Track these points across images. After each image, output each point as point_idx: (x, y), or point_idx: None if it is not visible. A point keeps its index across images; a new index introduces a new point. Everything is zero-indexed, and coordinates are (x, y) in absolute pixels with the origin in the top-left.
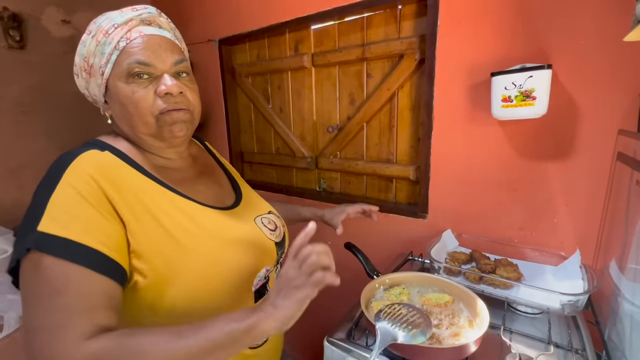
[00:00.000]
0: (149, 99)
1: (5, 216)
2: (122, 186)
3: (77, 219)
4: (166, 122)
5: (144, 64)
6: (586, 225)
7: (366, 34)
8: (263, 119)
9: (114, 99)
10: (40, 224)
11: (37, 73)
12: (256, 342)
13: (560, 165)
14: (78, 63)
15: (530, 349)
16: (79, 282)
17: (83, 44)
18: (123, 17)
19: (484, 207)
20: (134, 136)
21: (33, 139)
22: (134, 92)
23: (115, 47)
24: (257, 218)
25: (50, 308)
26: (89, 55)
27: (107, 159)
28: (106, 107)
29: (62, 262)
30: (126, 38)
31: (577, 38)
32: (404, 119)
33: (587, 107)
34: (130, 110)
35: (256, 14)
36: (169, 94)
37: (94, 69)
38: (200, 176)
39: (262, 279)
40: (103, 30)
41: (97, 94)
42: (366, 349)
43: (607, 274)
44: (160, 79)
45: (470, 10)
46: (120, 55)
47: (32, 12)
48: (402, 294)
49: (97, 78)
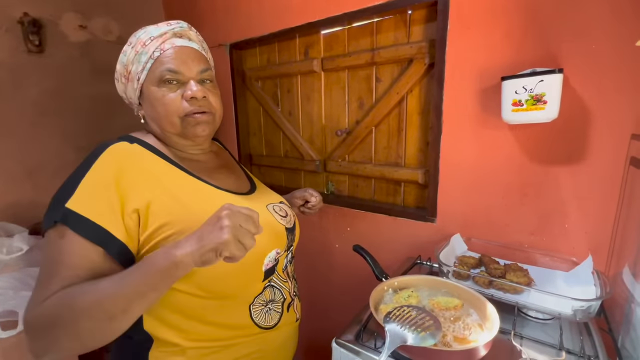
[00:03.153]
0: (176, 102)
1: (22, 215)
2: (145, 172)
3: (95, 201)
4: (190, 122)
5: (174, 71)
6: (598, 230)
7: (376, 38)
8: (272, 122)
9: (146, 101)
10: (70, 202)
11: (55, 76)
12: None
13: (572, 169)
14: (119, 70)
15: (542, 354)
16: (77, 252)
17: (124, 53)
18: (158, 30)
19: (493, 211)
20: (162, 134)
21: (49, 140)
22: (164, 95)
23: (150, 56)
24: (269, 205)
25: (47, 271)
26: (128, 63)
27: (134, 149)
28: (139, 109)
29: (75, 235)
30: (160, 49)
31: (589, 42)
32: (413, 123)
33: (599, 112)
34: (159, 111)
35: (267, 19)
36: (194, 97)
37: (132, 75)
38: (219, 168)
39: (273, 260)
40: (141, 42)
41: (133, 97)
42: (375, 351)
43: (620, 280)
44: (187, 84)
45: (480, 15)
46: (154, 64)
47: (51, 18)
48: (411, 297)
49: (133, 83)
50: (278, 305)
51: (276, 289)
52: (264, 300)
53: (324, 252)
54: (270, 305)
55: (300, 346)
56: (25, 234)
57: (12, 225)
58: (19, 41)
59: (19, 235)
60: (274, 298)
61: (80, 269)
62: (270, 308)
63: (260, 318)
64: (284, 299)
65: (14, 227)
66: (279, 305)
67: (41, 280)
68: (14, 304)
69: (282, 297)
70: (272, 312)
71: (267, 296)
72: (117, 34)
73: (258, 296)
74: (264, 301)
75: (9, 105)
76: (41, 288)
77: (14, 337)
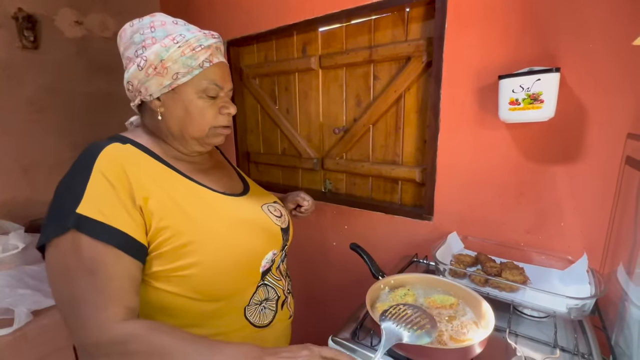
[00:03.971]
0: (213, 113)
1: (17, 213)
2: (141, 173)
3: (109, 204)
4: (215, 133)
5: (219, 87)
6: (594, 229)
7: (373, 36)
8: (270, 119)
9: (179, 102)
10: (80, 207)
11: (50, 73)
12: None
13: (568, 168)
14: (151, 60)
15: (536, 352)
16: (110, 262)
17: (166, 48)
18: (207, 41)
19: (490, 209)
20: (179, 135)
21: (45, 137)
22: (204, 106)
23: (200, 65)
24: (263, 205)
25: (87, 286)
26: (168, 59)
27: (128, 151)
28: (156, 104)
29: (97, 242)
30: (209, 60)
31: (586, 41)
32: (411, 121)
33: (596, 111)
34: (194, 118)
35: (264, 16)
36: (229, 114)
37: (168, 71)
38: (212, 169)
39: (269, 262)
40: (191, 46)
41: (151, 90)
42: (371, 349)
43: (615, 278)
44: (223, 99)
45: (478, 13)
46: (202, 73)
47: (46, 13)
48: (407, 295)
49: (165, 79)
50: (272, 303)
51: (270, 287)
52: (259, 300)
53: (320, 250)
54: (264, 304)
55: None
56: (21, 232)
57: (7, 222)
58: (13, 37)
59: (15, 232)
60: (268, 297)
61: (119, 279)
62: (264, 307)
63: (255, 317)
64: (278, 297)
65: (10, 224)
66: (273, 303)
67: (86, 296)
68: (10, 301)
69: (277, 295)
70: (266, 310)
71: (261, 295)
72: (114, 30)
73: (253, 296)
74: (258, 300)
75: (3, 101)
76: (94, 307)
77: (10, 335)
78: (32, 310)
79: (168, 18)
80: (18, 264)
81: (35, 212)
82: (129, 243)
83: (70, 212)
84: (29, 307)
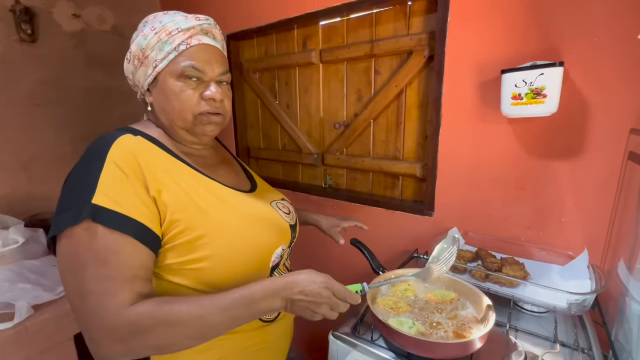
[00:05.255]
0: (193, 99)
1: (16, 207)
2: (154, 165)
3: (124, 194)
4: (202, 121)
5: (197, 69)
6: (595, 224)
7: (375, 30)
8: (270, 114)
9: (160, 90)
10: (95, 198)
11: (48, 66)
12: (265, 316)
13: (570, 164)
14: (134, 51)
15: (536, 347)
16: (125, 251)
17: (144, 36)
18: (187, 23)
19: (490, 205)
20: (169, 126)
21: (44, 131)
22: (182, 91)
23: (175, 48)
24: (272, 202)
25: (100, 275)
26: (147, 47)
27: (140, 142)
28: (148, 95)
29: (112, 232)
30: (186, 43)
31: (590, 35)
32: (412, 116)
33: (599, 106)
34: (174, 105)
35: (265, 9)
36: (212, 99)
37: (149, 60)
38: (220, 164)
39: (279, 257)
40: (167, 31)
41: (142, 81)
42: (371, 343)
43: (615, 274)
44: (207, 84)
45: (480, 7)
46: (177, 57)
47: (43, 6)
48: (407, 290)
49: (148, 68)
50: None
51: None
52: None
53: (321, 245)
54: None
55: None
56: (21, 226)
57: (7, 217)
58: (10, 30)
59: (15, 227)
60: None
61: (134, 268)
62: None
63: None
64: None
65: (10, 219)
66: None
67: (100, 285)
68: (10, 296)
69: None
70: None
71: None
72: (112, 24)
73: None
74: None
75: (1, 95)
76: (108, 295)
77: (10, 329)
78: (32, 305)
79: (163, 11)
80: (18, 259)
81: (34, 206)
82: (145, 233)
83: (85, 202)
84: (29, 301)
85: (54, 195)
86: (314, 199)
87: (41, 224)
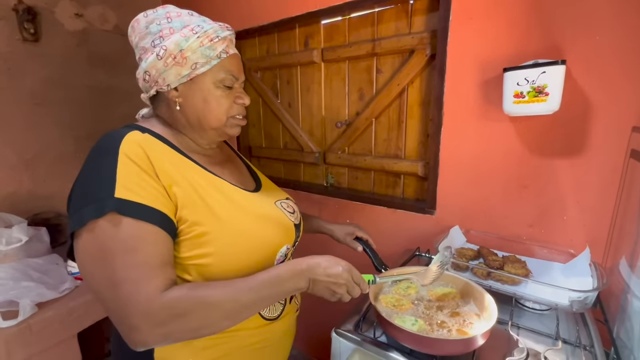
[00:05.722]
0: (229, 103)
1: (20, 206)
2: (164, 161)
3: (142, 186)
4: (232, 123)
5: (235, 77)
6: (597, 222)
7: (377, 29)
8: (271, 113)
9: (197, 92)
10: (117, 192)
11: (51, 65)
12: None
13: (572, 162)
14: (171, 49)
15: (538, 344)
16: (152, 239)
17: (185, 38)
18: (223, 33)
19: (492, 203)
20: (198, 125)
21: (47, 130)
22: (222, 96)
23: (217, 55)
24: (277, 202)
25: (130, 263)
26: (187, 48)
27: (148, 139)
28: (173, 93)
29: (138, 222)
30: (226, 52)
31: (592, 33)
32: (414, 115)
33: (601, 104)
34: (212, 107)
35: (266, 8)
36: (244, 104)
37: (187, 61)
38: (225, 162)
39: (283, 256)
40: (210, 37)
41: (169, 79)
42: (374, 340)
43: (617, 271)
44: (237, 90)
45: (482, 5)
46: (219, 64)
47: (46, 6)
48: (409, 288)
49: (184, 68)
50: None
51: None
52: None
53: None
54: None
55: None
56: (24, 225)
57: (11, 215)
58: (13, 29)
59: (18, 226)
60: None
61: (162, 255)
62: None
63: (265, 310)
64: None
65: (13, 217)
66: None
67: (130, 273)
68: (14, 294)
69: None
70: (276, 303)
71: None
72: (114, 23)
73: None
74: None
75: (4, 94)
76: (140, 282)
77: (14, 327)
78: (36, 303)
79: (182, 10)
80: (22, 257)
81: (38, 205)
82: (167, 221)
83: (106, 196)
84: (33, 299)
85: (57, 194)
86: (315, 197)
87: (44, 222)
